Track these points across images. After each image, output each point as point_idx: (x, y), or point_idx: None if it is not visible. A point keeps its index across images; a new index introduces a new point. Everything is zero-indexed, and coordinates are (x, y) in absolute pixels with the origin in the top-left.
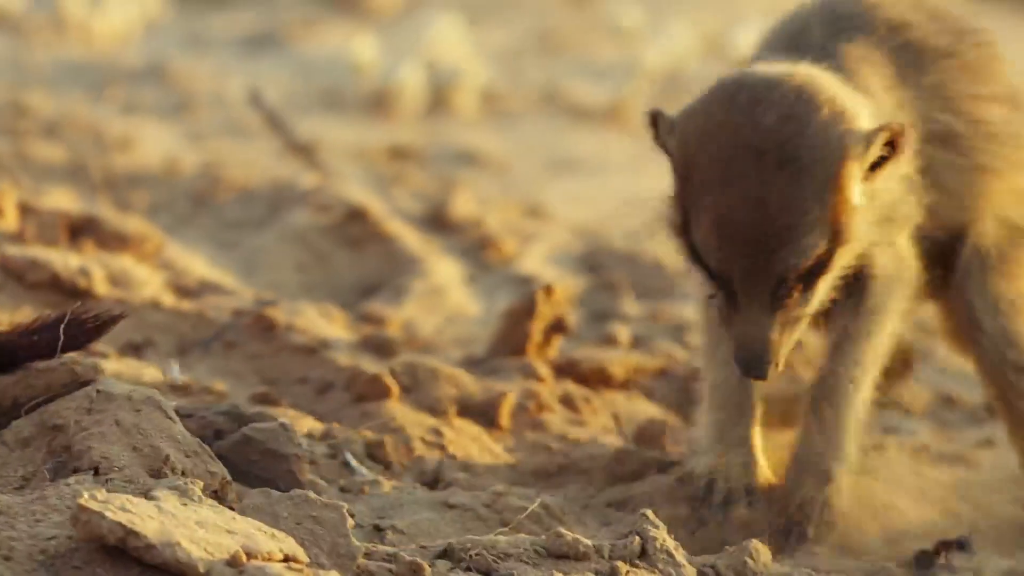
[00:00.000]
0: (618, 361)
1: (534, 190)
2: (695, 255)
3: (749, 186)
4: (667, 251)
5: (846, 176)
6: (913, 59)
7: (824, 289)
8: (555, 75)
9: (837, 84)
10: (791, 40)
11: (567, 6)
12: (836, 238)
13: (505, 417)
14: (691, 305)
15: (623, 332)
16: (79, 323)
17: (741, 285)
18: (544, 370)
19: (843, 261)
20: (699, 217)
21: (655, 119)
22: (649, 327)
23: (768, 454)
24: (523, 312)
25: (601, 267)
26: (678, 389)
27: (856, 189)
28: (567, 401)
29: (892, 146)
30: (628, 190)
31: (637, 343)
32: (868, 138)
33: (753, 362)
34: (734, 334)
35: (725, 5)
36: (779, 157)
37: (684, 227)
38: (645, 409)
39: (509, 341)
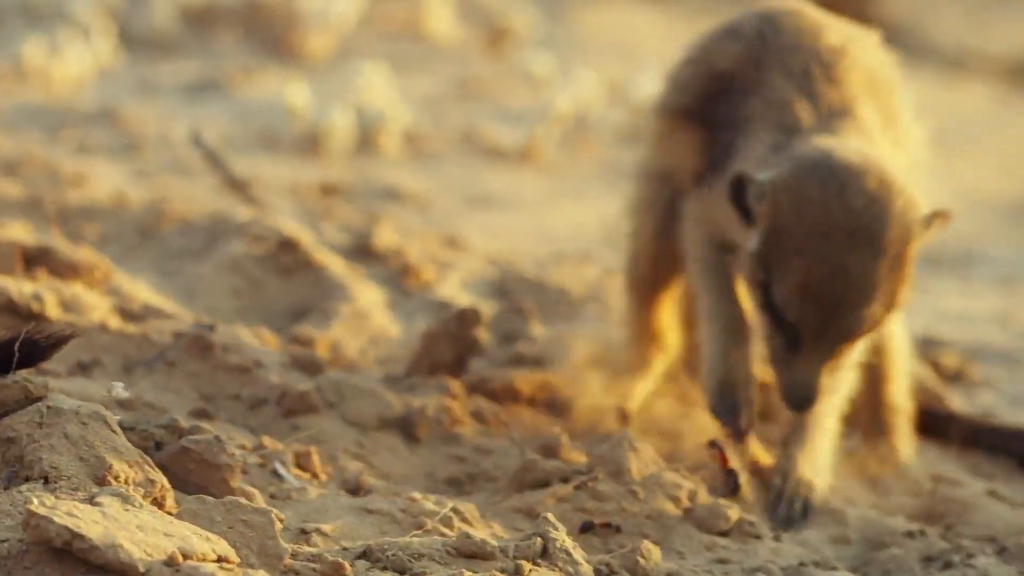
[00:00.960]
0: (525, 379)
1: (452, 223)
2: (769, 304)
3: (836, 259)
4: (571, 279)
5: (910, 255)
6: (880, 95)
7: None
8: (472, 119)
9: (896, 168)
10: (786, 81)
11: (484, 56)
12: (892, 306)
13: (421, 430)
14: (592, 326)
15: (530, 352)
16: (33, 342)
17: (809, 339)
18: (457, 387)
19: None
20: (784, 276)
21: (742, 183)
22: (554, 348)
23: None
24: (439, 334)
25: (511, 293)
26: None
27: (912, 264)
28: (478, 416)
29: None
30: (537, 224)
31: (543, 363)
32: (927, 223)
33: (803, 402)
34: (789, 375)
35: (627, 55)
36: (864, 238)
37: (763, 279)
38: (548, 423)
39: (426, 361)
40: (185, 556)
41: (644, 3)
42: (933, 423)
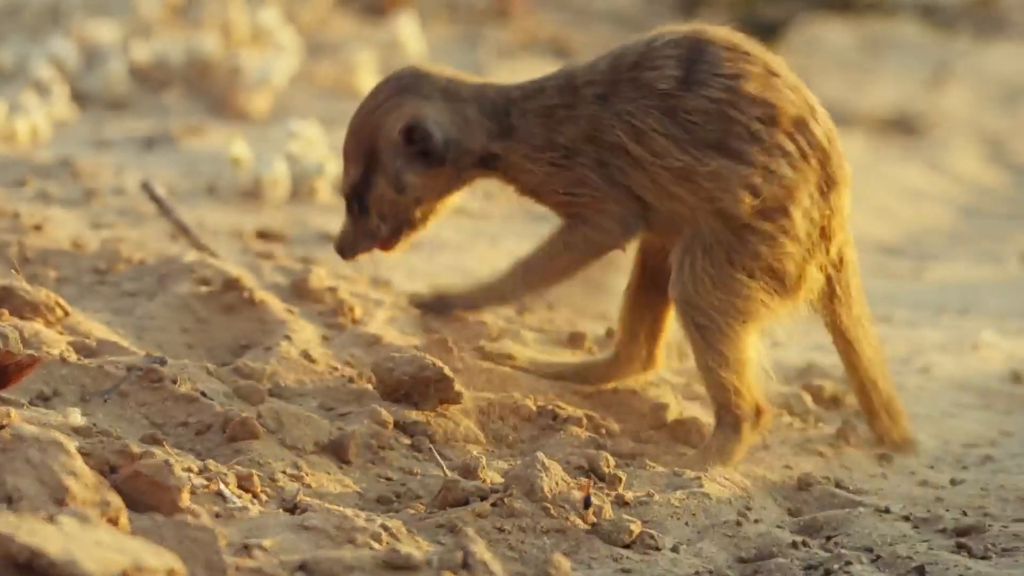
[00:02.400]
0: (447, 406)
1: (379, 265)
2: None
3: (346, 135)
4: (488, 315)
5: (383, 144)
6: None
7: (379, 210)
8: None
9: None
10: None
11: None
12: (367, 179)
13: (353, 454)
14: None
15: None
16: (2, 368)
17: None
18: (385, 414)
19: (379, 193)
20: None
21: None
22: (473, 377)
23: None
24: (403, 384)
25: (433, 327)
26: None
27: (390, 154)
28: (404, 440)
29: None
30: (457, 265)
31: (463, 390)
32: (406, 133)
33: (336, 248)
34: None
35: None
36: (355, 124)
37: None
38: (471, 447)
39: (357, 391)
40: (138, 570)
41: (553, 60)
42: None
